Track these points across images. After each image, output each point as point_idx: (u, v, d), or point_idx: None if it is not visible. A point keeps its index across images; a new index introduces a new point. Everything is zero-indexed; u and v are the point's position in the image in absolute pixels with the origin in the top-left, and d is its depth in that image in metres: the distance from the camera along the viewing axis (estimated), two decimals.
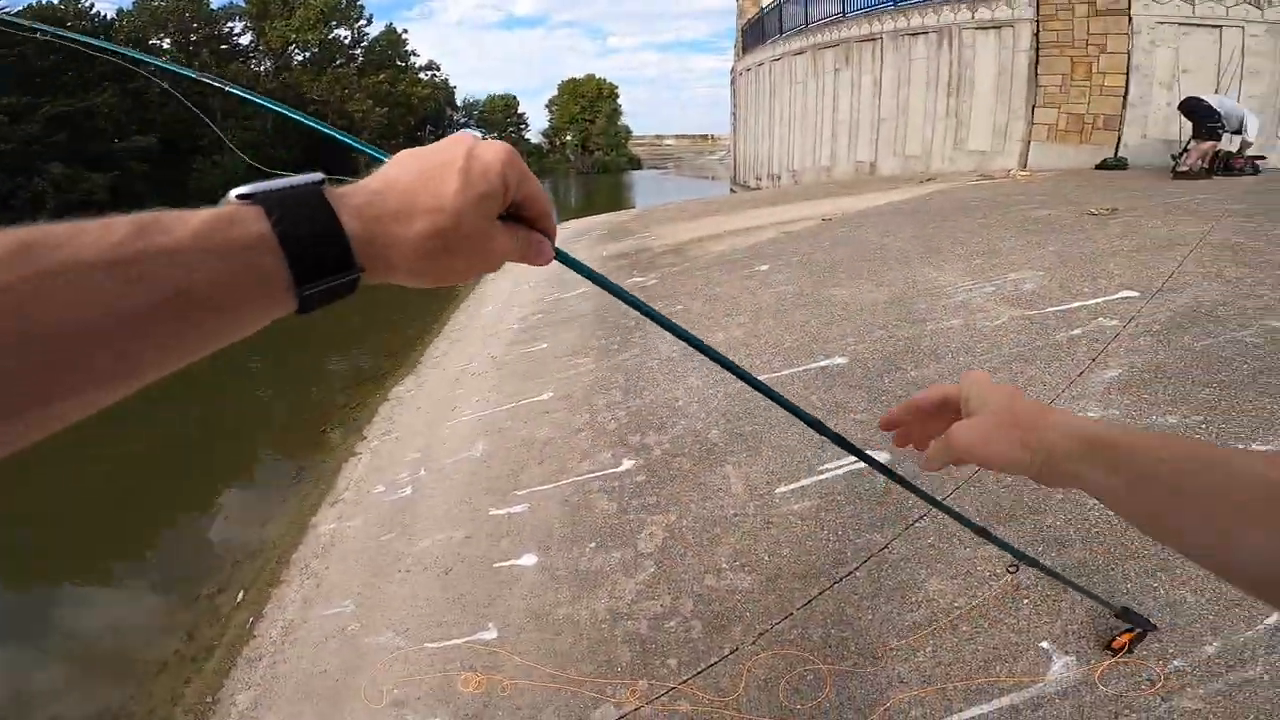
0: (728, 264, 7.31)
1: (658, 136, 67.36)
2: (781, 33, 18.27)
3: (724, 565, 2.86)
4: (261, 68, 29.78)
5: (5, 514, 5.37)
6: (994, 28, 12.18)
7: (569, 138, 53.06)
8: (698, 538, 3.05)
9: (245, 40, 30.22)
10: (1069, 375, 3.68)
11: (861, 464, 3.22)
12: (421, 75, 38.48)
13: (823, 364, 4.38)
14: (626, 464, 3.69)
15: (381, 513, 4.12)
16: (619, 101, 53.24)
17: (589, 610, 2.84)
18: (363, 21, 33.76)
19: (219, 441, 6.89)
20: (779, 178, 19.28)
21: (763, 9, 20.88)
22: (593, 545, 3.17)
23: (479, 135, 0.44)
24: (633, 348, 5.27)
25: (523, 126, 51.54)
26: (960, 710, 2.10)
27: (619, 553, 3.08)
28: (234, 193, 0.35)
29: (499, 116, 48.70)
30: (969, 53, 12.58)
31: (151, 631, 4.05)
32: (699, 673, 2.44)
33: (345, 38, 33.45)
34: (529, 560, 3.22)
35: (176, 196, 19.44)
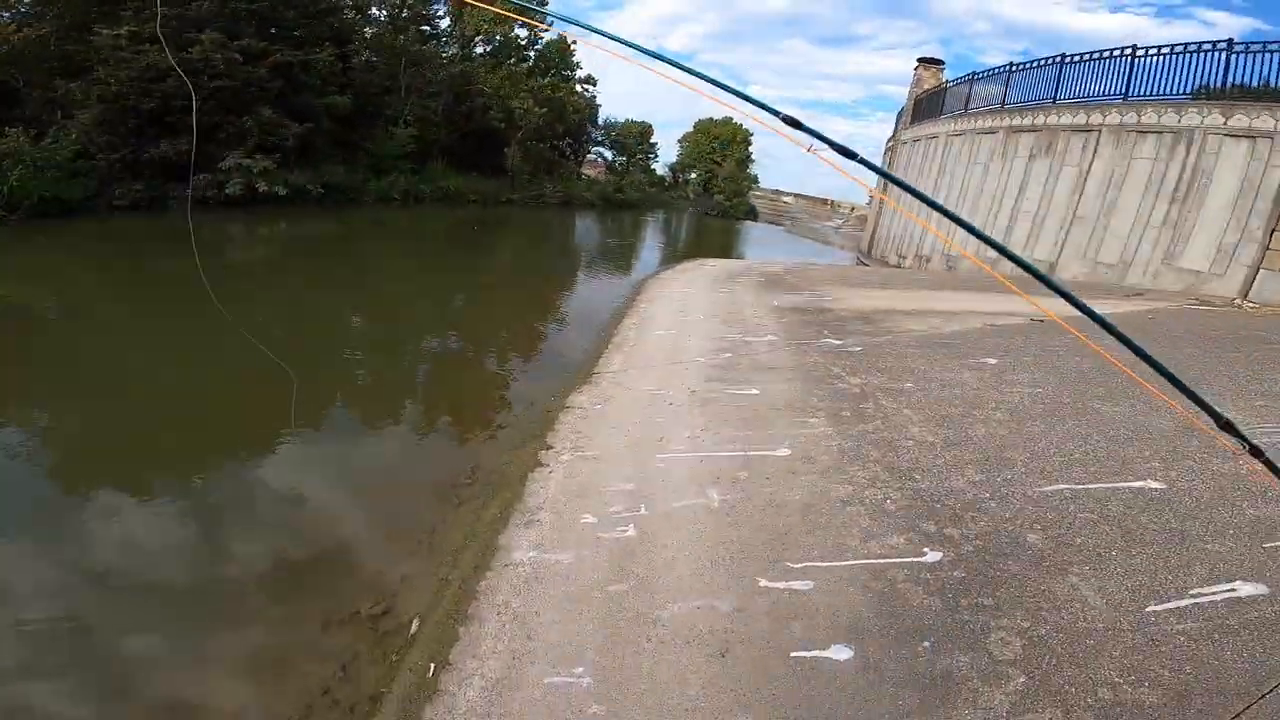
0: (940, 348, 6.66)
1: (777, 192, 67.20)
2: (967, 109, 17.54)
3: (1116, 679, 2.45)
4: (448, 53, 31.68)
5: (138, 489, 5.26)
6: (1248, 137, 10.78)
7: (694, 175, 53.76)
8: (1068, 649, 2.60)
9: (445, 24, 32.29)
10: None
11: (1238, 592, 2.79)
12: (578, 88, 40.04)
13: (1135, 485, 3.70)
14: (931, 555, 3.14)
15: (600, 552, 3.46)
16: (751, 149, 53.58)
17: None
18: (542, 26, 35.61)
19: (362, 402, 6.61)
20: (928, 259, 18.34)
21: (946, 82, 20.29)
22: (927, 644, 2.65)
23: None
24: (872, 419, 4.72)
25: (652, 156, 52.66)
26: None
27: (967, 657, 2.58)
28: None
29: (632, 142, 49.97)
30: (1209, 160, 11.16)
31: (291, 647, 3.18)
32: None
33: (523, 38, 35.19)
34: (842, 654, 2.66)
35: (349, 155, 20.33)
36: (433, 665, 2.82)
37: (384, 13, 29.37)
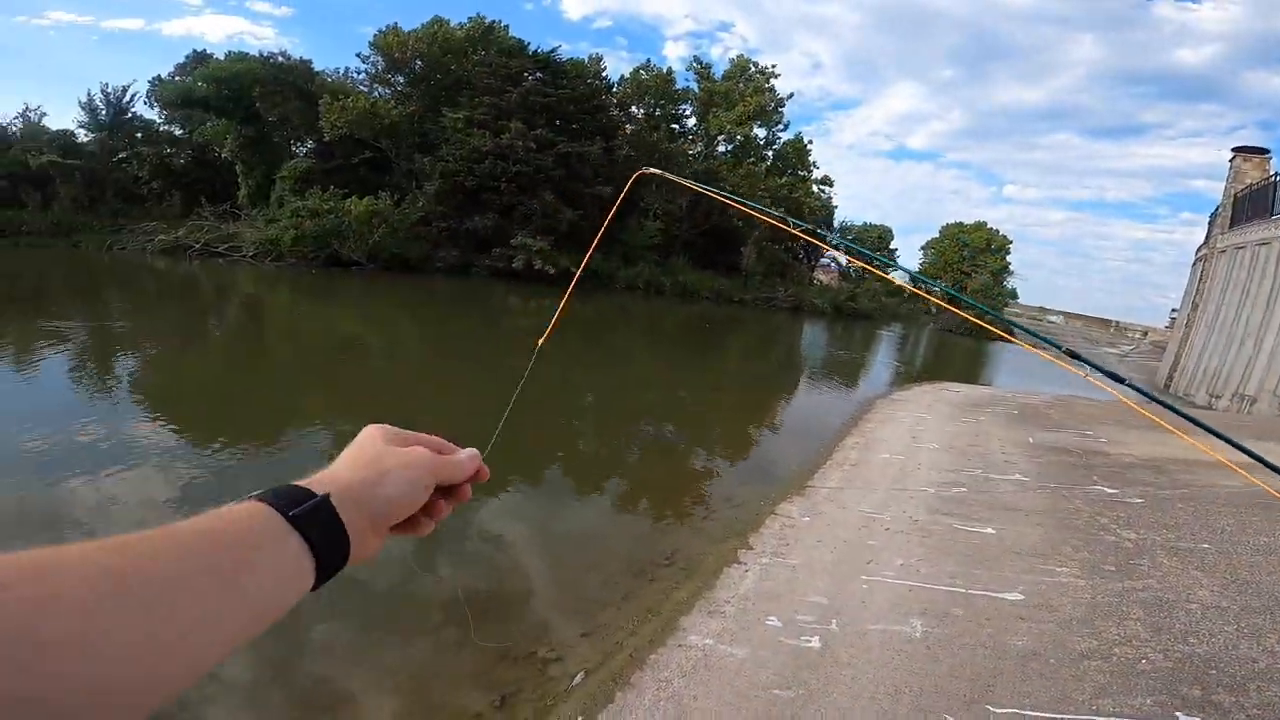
0: (1262, 508, 5.18)
1: (1042, 309, 58.90)
2: None
3: None
4: (693, 150, 34.86)
5: None
6: None
7: (937, 288, 48.80)
8: None
9: (691, 123, 35.69)
10: None
11: None
12: (814, 188, 40.18)
13: None
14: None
15: (777, 656, 3.37)
16: (1009, 260, 47.39)
17: None
18: (780, 126, 37.12)
19: (588, 471, 7.17)
20: (1253, 399, 14.36)
21: (1275, 174, 16.29)
22: None
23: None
24: (1144, 578, 3.86)
25: (890, 265, 49.46)
26: None
27: None
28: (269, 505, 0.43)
29: (870, 246, 47.37)
30: None
31: (465, 667, 3.43)
32: None
33: (761, 138, 36.82)
34: None
35: (605, 244, 23.15)
36: (580, 719, 2.93)
37: (641, 110, 33.40)
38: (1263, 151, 18.31)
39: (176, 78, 26.32)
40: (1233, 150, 18.86)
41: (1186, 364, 18.57)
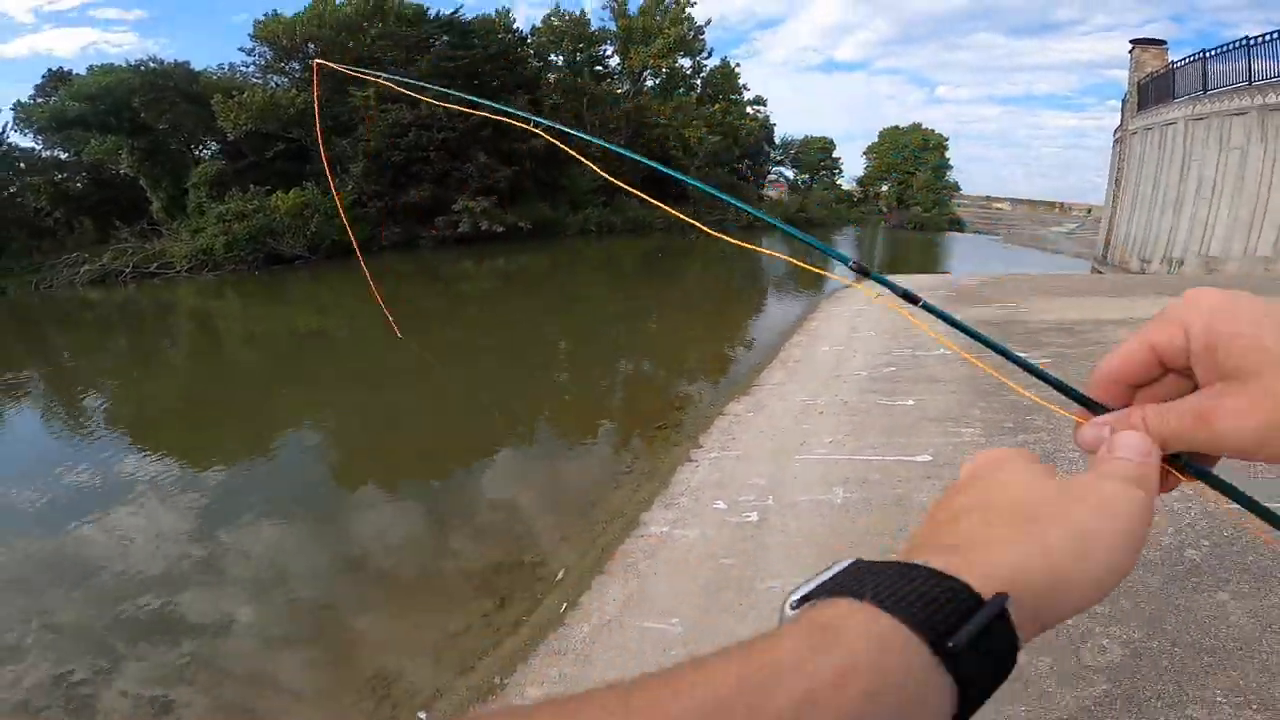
0: None
1: (988, 198, 60.16)
2: (1206, 90, 14.77)
3: (1219, 698, 2.24)
4: (621, 89, 34.33)
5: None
6: None
7: (885, 188, 50.42)
8: (1181, 659, 2.42)
9: (614, 62, 35.09)
10: None
11: None
12: (748, 109, 40.21)
13: None
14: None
15: (722, 532, 3.90)
16: (948, 155, 48.87)
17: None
18: (704, 54, 36.66)
19: (560, 402, 7.70)
20: (1180, 262, 15.38)
21: (1172, 63, 17.18)
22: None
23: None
24: (1037, 431, 4.37)
25: (836, 172, 50.51)
26: None
27: (1049, 658, 2.49)
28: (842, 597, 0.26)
29: (814, 158, 48.28)
30: None
31: (469, 583, 4.08)
32: None
33: (688, 68, 36.44)
34: None
35: (550, 194, 23.14)
36: (564, 605, 3.47)
37: (560, 57, 32.60)
38: (1159, 43, 19.49)
39: (38, 99, 24.46)
40: (1131, 42, 19.79)
41: (1117, 236, 19.58)
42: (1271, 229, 12.80)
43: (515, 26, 28.66)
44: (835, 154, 49.86)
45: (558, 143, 0.95)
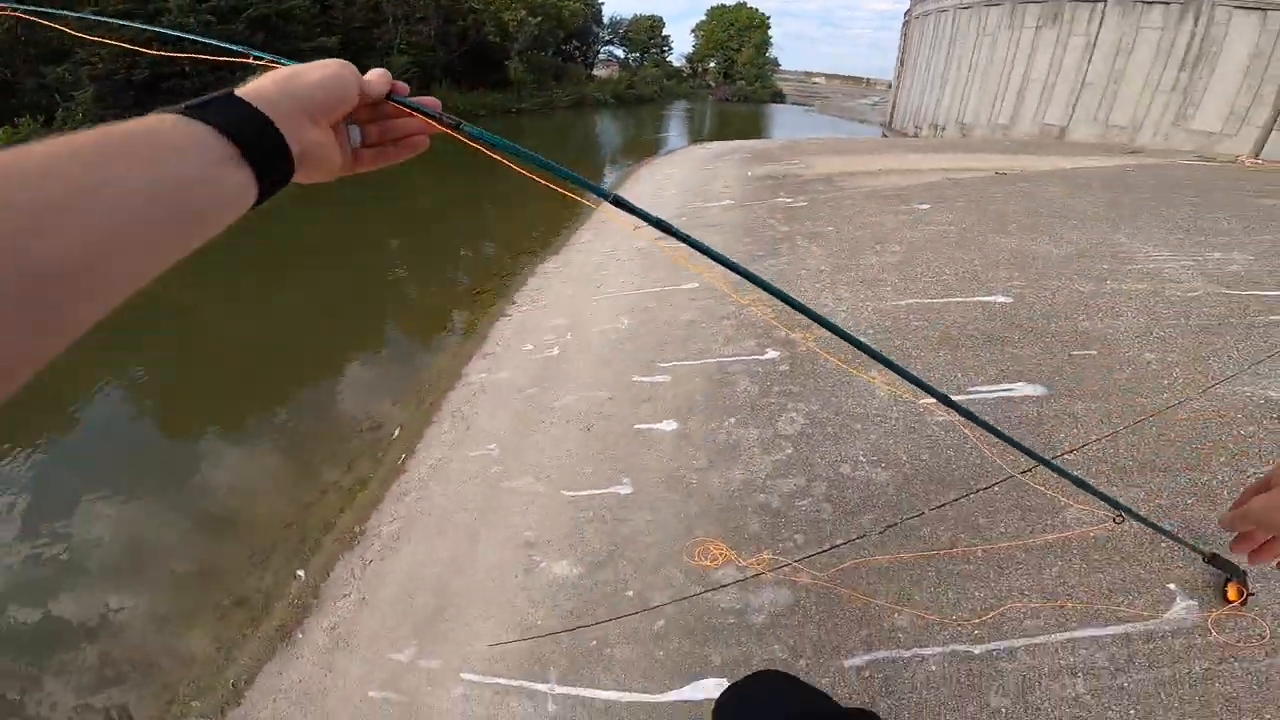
0: (883, 198, 7.03)
1: (807, 73, 63.13)
2: None
3: (861, 458, 2.96)
4: None
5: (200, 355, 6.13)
6: (1258, 9, 10.76)
7: (712, 64, 51.26)
8: (837, 429, 3.14)
9: None
10: (1257, 354, 3.41)
11: (1014, 391, 3.28)
12: None
13: (984, 299, 4.25)
14: (771, 354, 3.82)
15: (529, 368, 4.46)
16: (770, 33, 50.50)
17: (723, 479, 3.02)
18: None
19: (387, 292, 7.64)
20: (943, 128, 17.86)
21: None
22: (732, 420, 3.34)
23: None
24: (781, 257, 5.30)
25: (666, 49, 50.02)
26: (1074, 629, 2.17)
27: (757, 430, 3.23)
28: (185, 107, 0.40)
29: (643, 37, 47.36)
30: (1218, 30, 11.28)
31: (316, 460, 4.36)
32: (824, 551, 2.57)
33: None
34: (669, 426, 3.44)
35: None
36: (403, 456, 3.88)
37: None
38: None
39: None
40: None
41: (900, 106, 22.07)
42: (1008, 103, 15.28)
43: None
44: (665, 32, 49.34)
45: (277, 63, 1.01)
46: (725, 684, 2.19)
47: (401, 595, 3.13)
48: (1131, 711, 2.00)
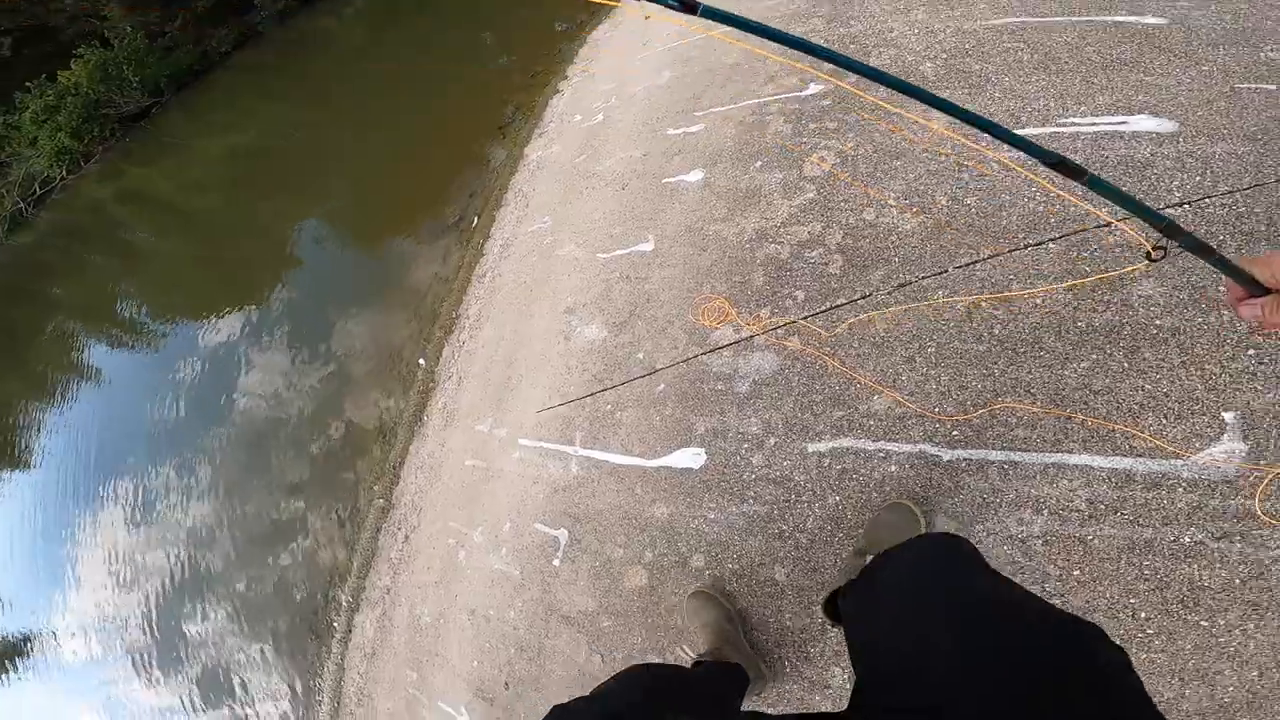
0: None
1: None
2: None
3: (890, 201, 2.56)
4: None
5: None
6: None
7: None
8: (871, 169, 2.75)
9: None
10: None
11: (1128, 125, 2.37)
12: None
13: (1123, 19, 3.45)
14: (813, 88, 3.52)
15: (578, 137, 4.58)
16: None
17: (737, 228, 2.98)
18: None
19: (450, 88, 7.72)
20: None
21: None
22: (758, 165, 3.20)
23: None
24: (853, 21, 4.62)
25: None
26: (1068, 452, 1.80)
27: (781, 174, 3.06)
28: None
29: None
30: None
31: (423, 257, 5.24)
32: (820, 312, 2.45)
33: None
34: (695, 176, 3.41)
35: None
36: (482, 240, 4.48)
37: None
38: None
39: None
40: None
41: None
42: None
43: None
44: None
45: None
46: (701, 455, 2.41)
47: (482, 371, 3.77)
48: (1075, 573, 1.67)
